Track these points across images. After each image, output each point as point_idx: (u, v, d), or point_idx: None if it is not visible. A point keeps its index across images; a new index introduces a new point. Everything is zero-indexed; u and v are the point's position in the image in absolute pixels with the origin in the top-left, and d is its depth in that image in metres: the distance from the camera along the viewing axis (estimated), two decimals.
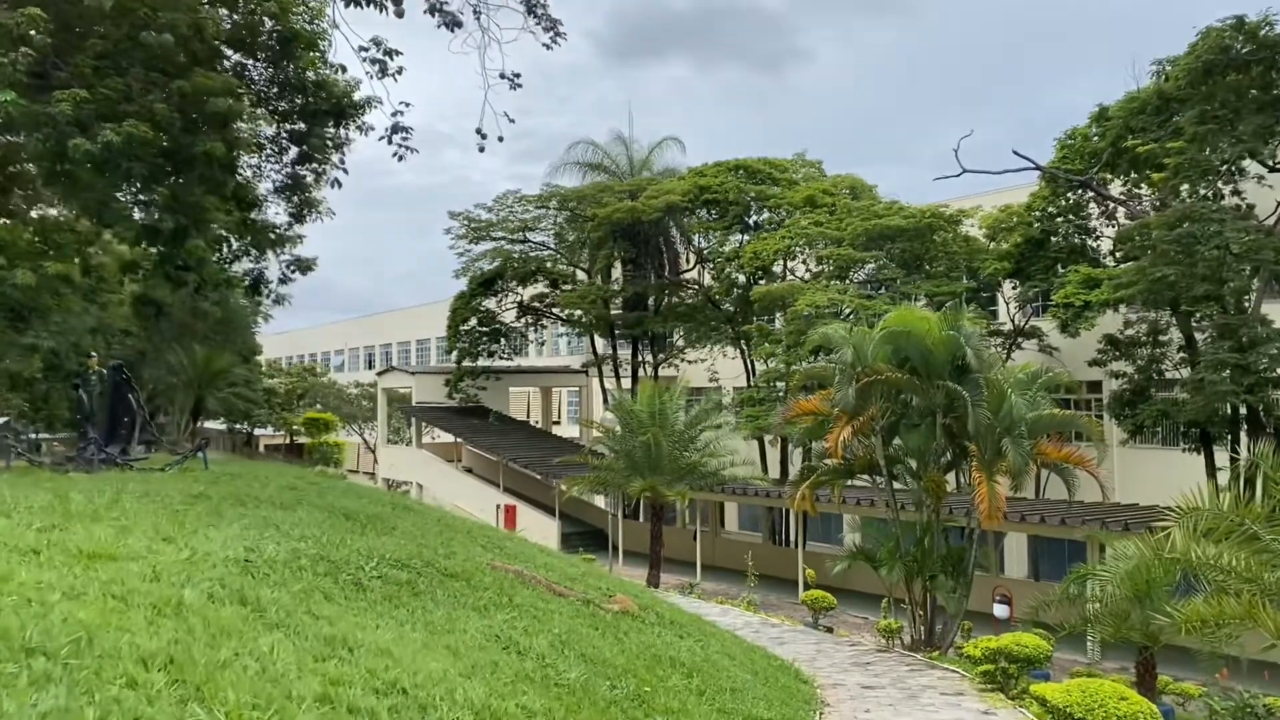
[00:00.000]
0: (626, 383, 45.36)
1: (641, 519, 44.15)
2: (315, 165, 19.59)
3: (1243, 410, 27.49)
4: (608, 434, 30.97)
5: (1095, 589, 16.18)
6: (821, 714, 12.84)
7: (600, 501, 43.73)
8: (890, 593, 21.76)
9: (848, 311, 29.47)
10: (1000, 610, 25.31)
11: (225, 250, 20.74)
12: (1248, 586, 11.62)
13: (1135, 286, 22.86)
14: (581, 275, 48.56)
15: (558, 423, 61.61)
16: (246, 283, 22.59)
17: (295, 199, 20.43)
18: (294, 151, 19.58)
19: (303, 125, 18.99)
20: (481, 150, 13.83)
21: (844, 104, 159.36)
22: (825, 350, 23.78)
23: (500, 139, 13.94)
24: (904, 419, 21.03)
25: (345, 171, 19.48)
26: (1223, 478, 28.73)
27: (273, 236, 20.52)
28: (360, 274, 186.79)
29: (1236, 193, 26.13)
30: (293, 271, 21.45)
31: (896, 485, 21.79)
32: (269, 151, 20.06)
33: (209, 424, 55.56)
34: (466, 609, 8.87)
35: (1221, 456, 28.68)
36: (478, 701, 5.85)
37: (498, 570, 10.62)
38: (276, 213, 20.89)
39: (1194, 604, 11.30)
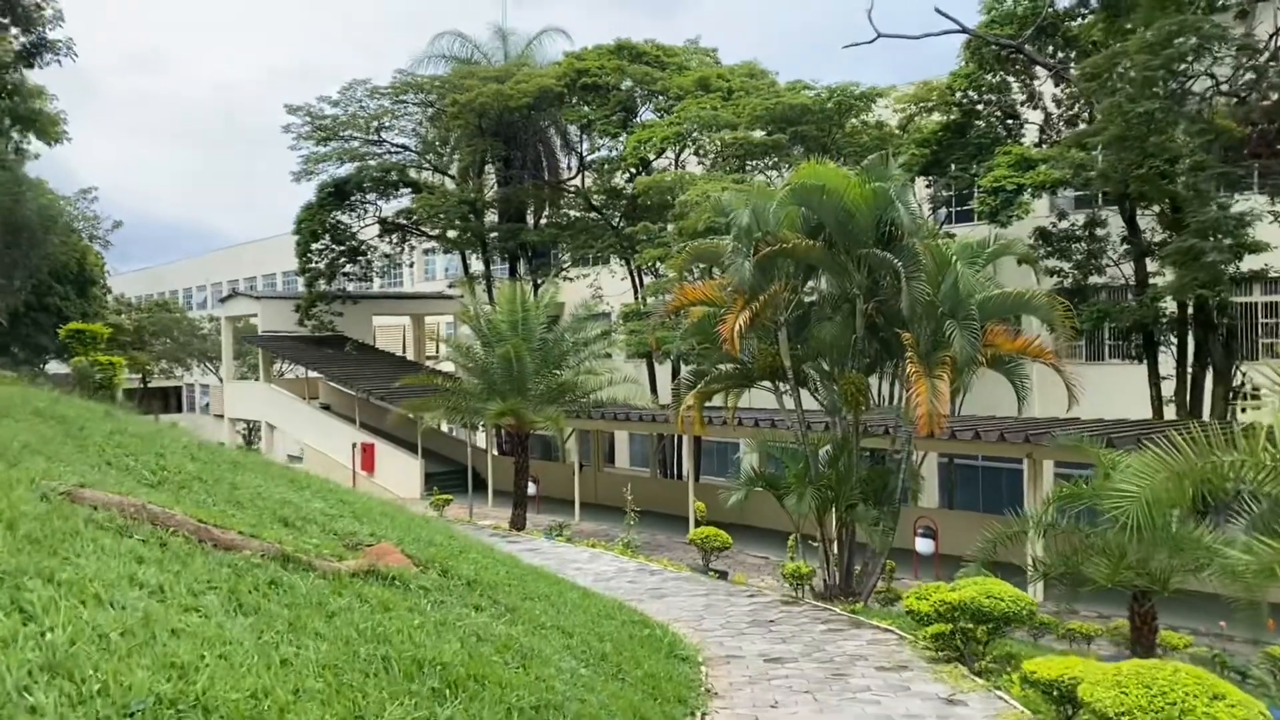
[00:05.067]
0: None
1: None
2: None
3: (1189, 309, 23.98)
4: (462, 350, 25.91)
5: (1065, 519, 12.03)
6: (705, 714, 8.30)
7: (480, 438, 38.83)
8: (798, 528, 17.45)
9: None
10: (923, 545, 21.36)
11: None
12: None
13: (1106, 132, 18.54)
14: (451, 185, 42.81)
15: (434, 357, 56.02)
16: None
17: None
18: None
19: None
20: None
21: (754, 21, 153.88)
22: (718, 233, 19.07)
23: None
24: (815, 307, 16.57)
25: None
26: (1167, 388, 25.39)
27: None
28: (244, 219, 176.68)
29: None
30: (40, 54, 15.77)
31: (806, 394, 17.39)
32: None
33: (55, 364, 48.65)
34: None
35: (1167, 364, 25.27)
36: None
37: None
38: None
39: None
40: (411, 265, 54.11)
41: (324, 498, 10.13)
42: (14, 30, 15.58)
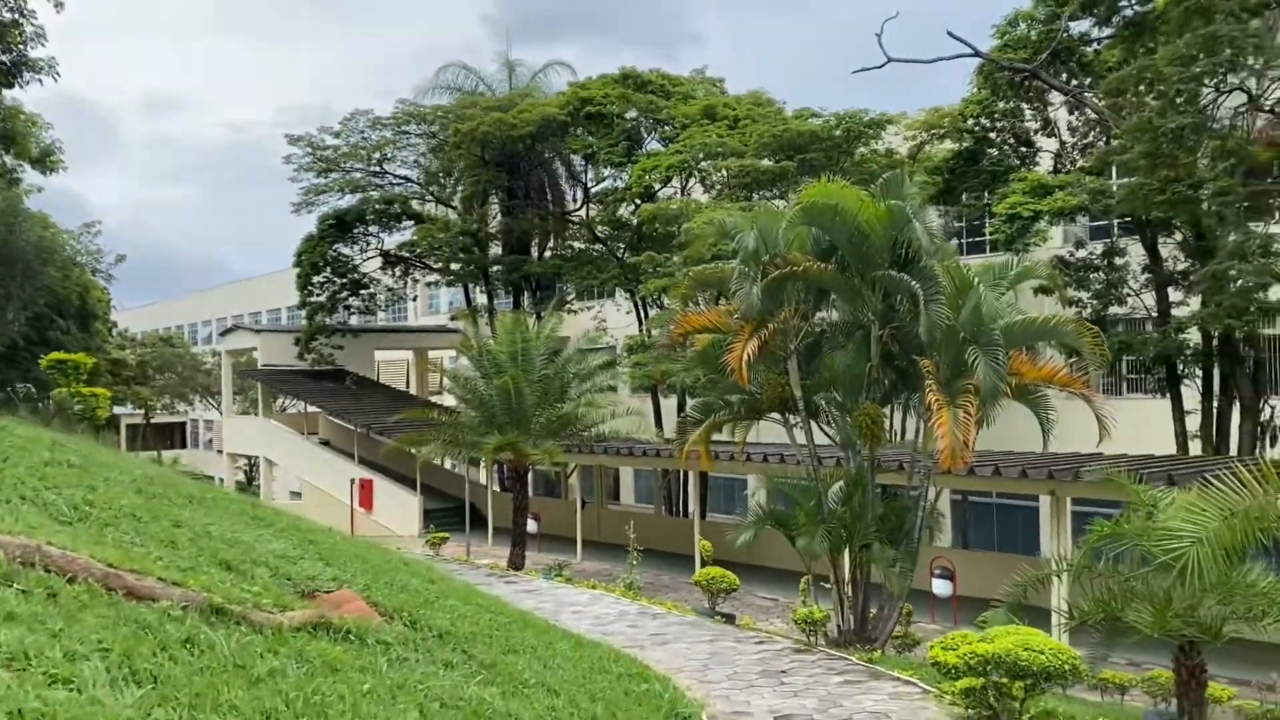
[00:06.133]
0: None
1: (530, 493, 38.48)
2: None
3: (1214, 341, 23.01)
4: (460, 382, 25.04)
5: (1106, 562, 11.03)
6: None
7: (482, 475, 37.90)
8: (810, 569, 16.41)
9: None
10: (941, 587, 20.27)
11: None
12: None
13: (1135, 149, 17.65)
14: (454, 217, 42.17)
15: (437, 391, 55.12)
16: None
17: None
18: None
19: None
20: None
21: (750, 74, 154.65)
22: (724, 260, 18.22)
23: None
24: (827, 335, 15.68)
25: None
26: (1192, 423, 24.36)
27: None
28: (253, 256, 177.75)
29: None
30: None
31: (818, 428, 16.44)
32: None
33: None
34: None
35: (1190, 399, 24.27)
36: None
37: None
38: None
39: None
40: (415, 299, 53.44)
41: (287, 537, 9.21)
42: None
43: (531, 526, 26.18)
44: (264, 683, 4.72)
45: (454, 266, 41.34)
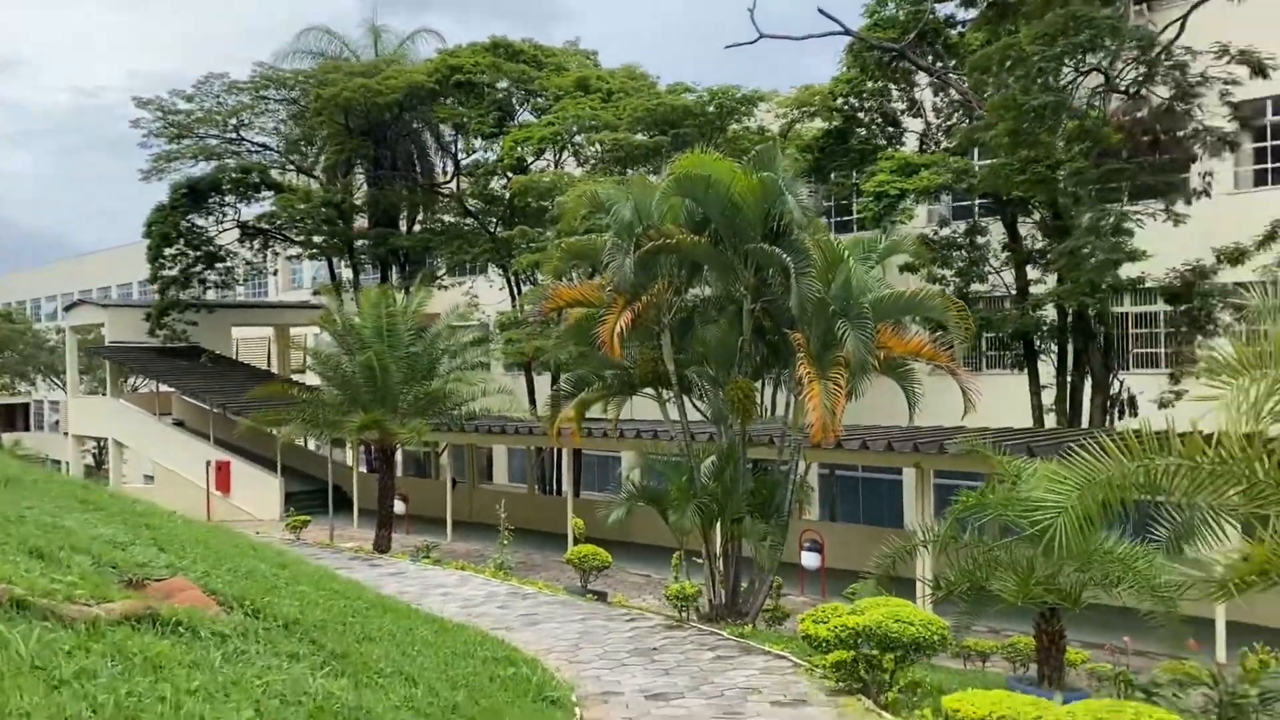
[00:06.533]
0: None
1: (400, 473, 37.46)
2: None
3: (1069, 317, 23.92)
4: (322, 359, 24.02)
5: (971, 532, 11.20)
6: None
7: (348, 456, 36.64)
8: (682, 545, 16.30)
9: None
10: (809, 560, 20.51)
11: None
12: None
13: (999, 127, 18.02)
14: (316, 188, 40.44)
15: (300, 370, 53.11)
16: None
17: None
18: None
19: None
20: None
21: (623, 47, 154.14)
22: (598, 233, 17.82)
23: None
24: (700, 309, 15.53)
25: None
26: (1047, 397, 25.30)
27: None
28: (105, 228, 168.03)
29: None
30: None
31: (691, 402, 16.30)
32: None
33: None
34: None
35: (1046, 374, 25.19)
36: None
37: None
38: None
39: (1258, 548, 6.17)
40: (275, 273, 51.20)
41: (119, 522, 8.46)
42: None
43: (399, 508, 25.40)
44: (68, 686, 4.16)
45: (316, 239, 39.73)
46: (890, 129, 28.24)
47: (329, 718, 5.18)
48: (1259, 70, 17.33)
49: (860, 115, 28.27)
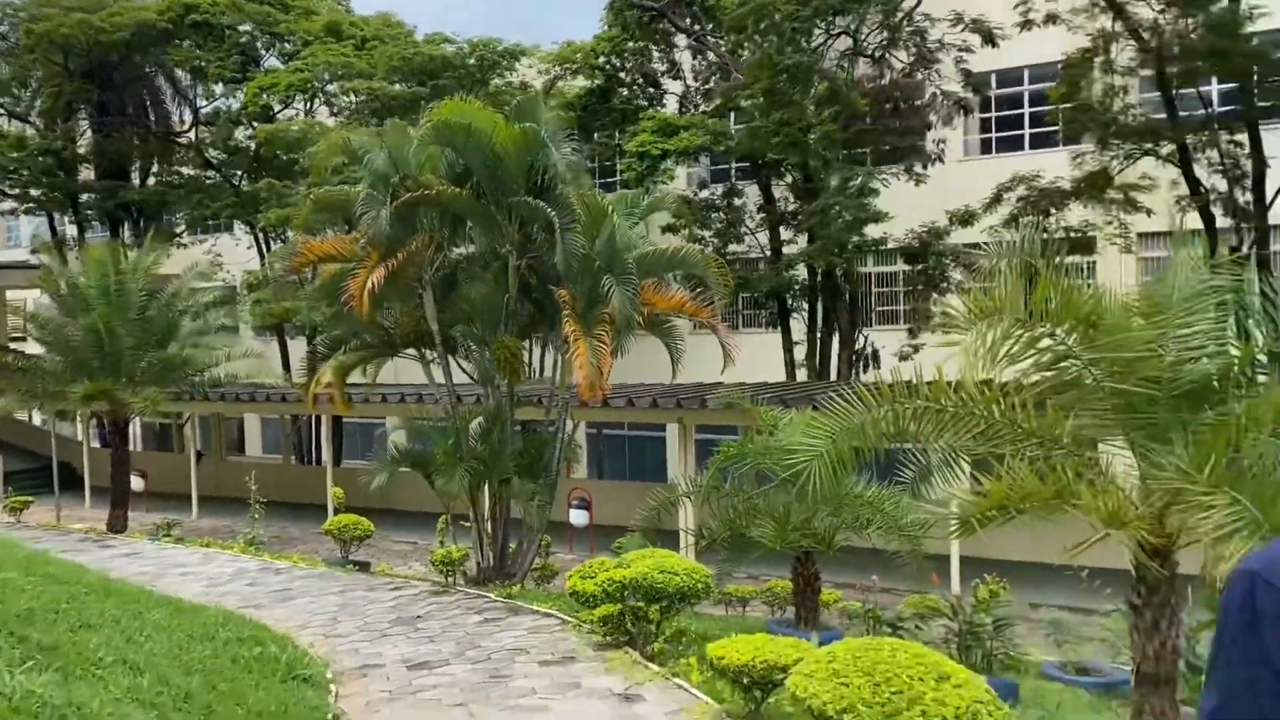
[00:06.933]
0: None
1: (139, 447, 34.44)
2: None
3: (819, 276, 25.12)
4: (41, 324, 21.61)
5: (732, 482, 11.48)
6: None
7: (78, 430, 33.35)
8: (449, 509, 15.85)
9: None
10: (578, 517, 20.62)
11: None
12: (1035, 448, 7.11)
13: (757, 84, 18.44)
14: (32, 134, 36.26)
15: (21, 338, 47.83)
16: None
17: None
18: None
19: None
20: None
21: None
22: (351, 184, 16.84)
23: None
24: (464, 266, 15.02)
25: None
26: (799, 353, 26.50)
27: None
28: None
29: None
30: None
31: (457, 363, 15.79)
32: None
33: None
34: None
35: (798, 331, 26.37)
36: None
37: None
38: None
39: (995, 485, 6.51)
40: None
41: None
42: None
43: (137, 484, 23.38)
44: None
45: (34, 192, 35.70)
46: (651, 90, 28.53)
47: (30, 718, 4.50)
48: (989, 39, 18.62)
49: (622, 75, 28.37)
